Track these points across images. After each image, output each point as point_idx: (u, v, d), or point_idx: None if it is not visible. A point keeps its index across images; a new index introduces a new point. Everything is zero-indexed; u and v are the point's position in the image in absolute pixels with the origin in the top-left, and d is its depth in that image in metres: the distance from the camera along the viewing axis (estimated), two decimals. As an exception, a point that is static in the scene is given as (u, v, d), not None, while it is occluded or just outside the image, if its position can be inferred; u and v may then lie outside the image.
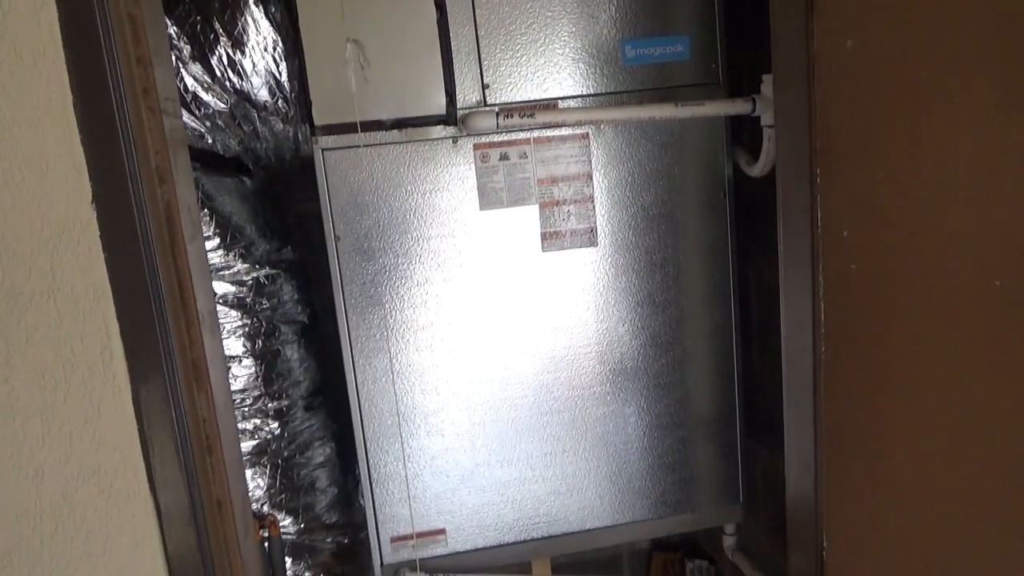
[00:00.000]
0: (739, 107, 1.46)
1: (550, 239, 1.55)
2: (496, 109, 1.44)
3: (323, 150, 1.47)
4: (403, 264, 1.51)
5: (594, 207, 1.56)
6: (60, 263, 0.89)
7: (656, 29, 1.52)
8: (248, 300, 1.68)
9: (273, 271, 1.74)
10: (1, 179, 0.86)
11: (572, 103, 1.52)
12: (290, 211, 1.88)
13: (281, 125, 1.61)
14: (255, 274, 1.71)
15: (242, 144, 1.63)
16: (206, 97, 1.52)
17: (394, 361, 1.55)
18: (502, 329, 1.57)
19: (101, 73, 0.87)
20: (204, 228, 1.56)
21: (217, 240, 1.59)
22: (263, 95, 1.56)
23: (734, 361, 1.68)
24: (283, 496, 1.73)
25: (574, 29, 1.49)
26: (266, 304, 1.72)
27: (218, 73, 1.51)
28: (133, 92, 0.91)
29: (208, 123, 1.55)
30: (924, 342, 0.97)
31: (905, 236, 0.96)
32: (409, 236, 1.51)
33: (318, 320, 1.88)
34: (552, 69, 1.50)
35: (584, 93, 1.52)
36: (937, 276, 0.94)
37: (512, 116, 1.40)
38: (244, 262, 1.68)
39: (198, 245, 1.05)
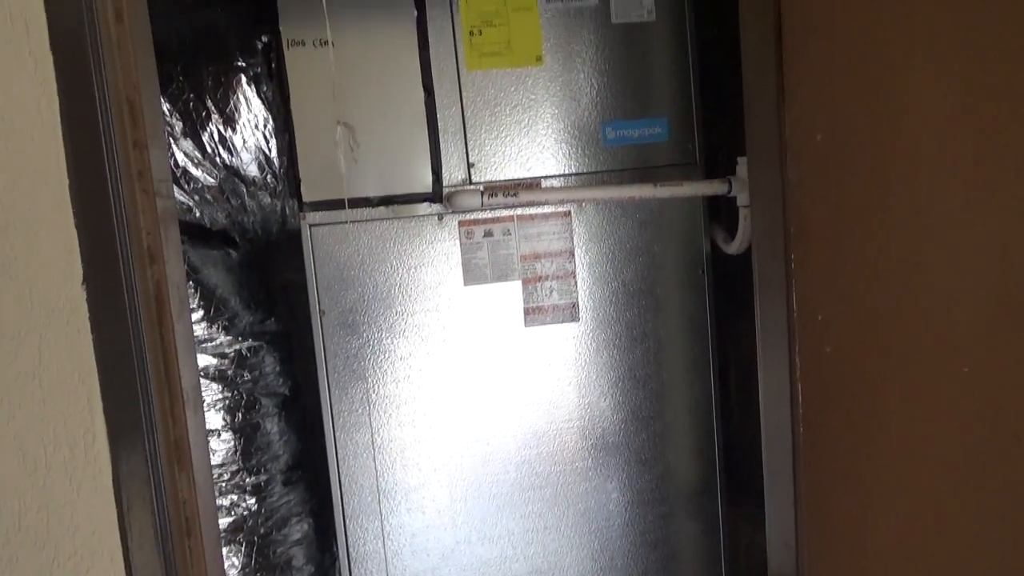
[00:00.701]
0: (715, 188, 1.52)
1: (532, 314, 1.58)
2: (481, 188, 1.48)
3: (310, 226, 1.49)
4: (387, 339, 1.52)
5: (576, 283, 1.59)
6: (48, 344, 0.89)
7: (635, 111, 1.58)
8: (229, 373, 1.67)
9: (256, 343, 1.74)
10: (-8, 259, 0.87)
11: (555, 182, 1.56)
12: (275, 281, 1.89)
13: (269, 199, 1.64)
14: (237, 346, 1.71)
15: (229, 217, 1.65)
16: (196, 172, 1.54)
17: (375, 436, 1.54)
18: (484, 404, 1.57)
19: (98, 157, 0.89)
20: (189, 301, 1.56)
21: (201, 312, 1.60)
22: (252, 170, 1.59)
23: (715, 435, 1.69)
24: (259, 575, 1.69)
25: (556, 111, 1.55)
26: (247, 377, 1.71)
27: (209, 149, 1.54)
28: (128, 175, 0.93)
29: (197, 197, 1.57)
30: (899, 422, 0.99)
31: (877, 319, 0.99)
32: (393, 311, 1.52)
33: (299, 392, 1.87)
34: (535, 149, 1.55)
35: (566, 172, 1.57)
36: (909, 359, 0.97)
37: (496, 195, 1.44)
38: (227, 334, 1.68)
39: (185, 322, 1.05)
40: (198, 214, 1.60)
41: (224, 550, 1.63)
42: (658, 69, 1.58)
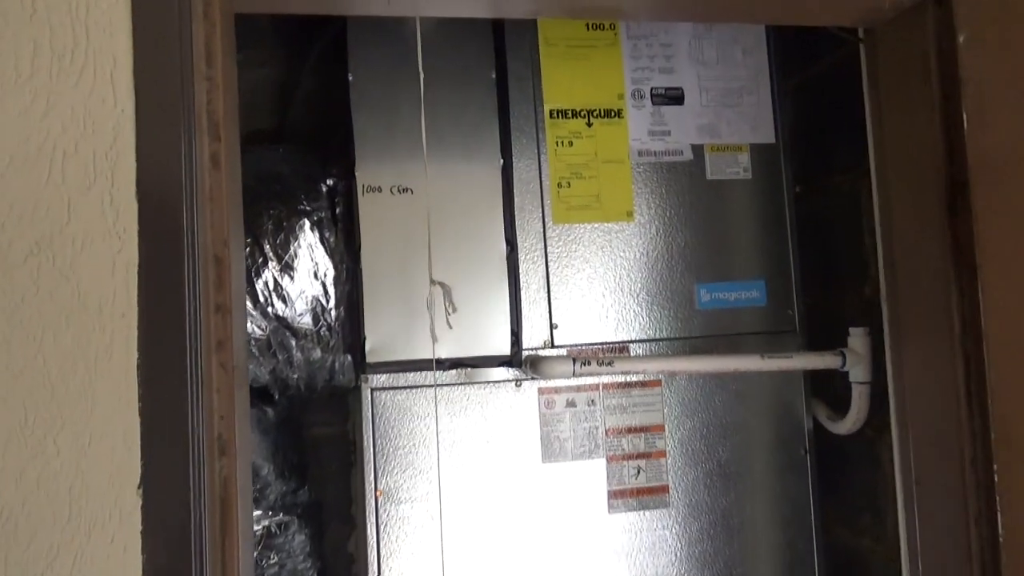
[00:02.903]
0: (828, 361, 1.36)
1: (617, 498, 1.36)
2: (572, 354, 1.31)
3: (372, 389, 1.31)
4: (452, 522, 1.30)
5: (667, 463, 1.39)
6: (83, 566, 0.68)
7: (731, 273, 1.44)
8: (255, 555, 1.43)
9: (287, 517, 1.51)
10: (31, 451, 0.68)
11: (641, 347, 1.40)
12: (307, 435, 1.69)
13: (319, 353, 1.46)
14: (266, 521, 1.48)
15: (273, 373, 1.46)
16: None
17: (433, 644, 1.28)
18: (564, 606, 1.33)
19: (177, 327, 0.72)
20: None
21: (233, 484, 1.38)
22: (305, 321, 1.42)
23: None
24: None
25: (647, 270, 1.41)
26: (274, 559, 1.47)
27: (261, 299, 1.38)
28: (208, 346, 0.76)
29: (241, 351, 1.39)
30: None
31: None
32: (461, 490, 1.31)
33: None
34: (623, 311, 1.40)
35: (656, 337, 1.41)
36: None
37: (590, 363, 1.27)
38: (256, 508, 1.45)
39: (246, 529, 0.85)
40: (241, 369, 1.42)
41: None
42: (754, 229, 1.46)
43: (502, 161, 1.37)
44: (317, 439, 1.72)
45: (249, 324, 1.38)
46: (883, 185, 1.08)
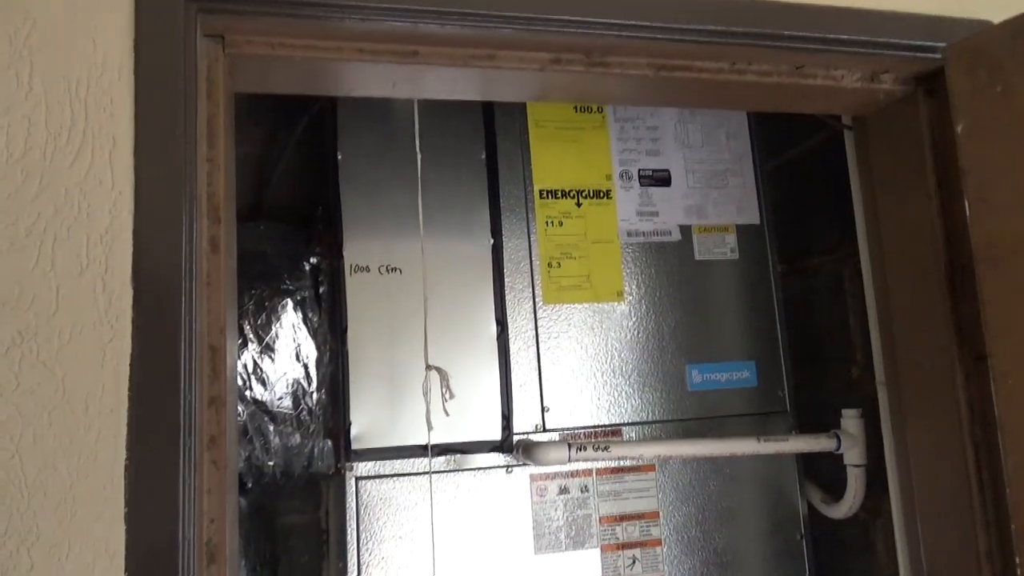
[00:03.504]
0: (823, 444, 1.34)
1: (613, 590, 1.30)
2: (567, 439, 1.27)
3: (357, 478, 1.24)
4: (443, 625, 1.22)
5: (662, 552, 1.34)
6: None
7: (722, 353, 1.43)
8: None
9: (256, 620, 1.41)
10: (0, 567, 0.61)
11: (634, 430, 1.37)
12: (278, 525, 1.60)
13: (298, 439, 1.39)
14: (236, 622, 1.37)
15: (248, 460, 1.38)
16: (221, 409, 1.30)
17: None
18: None
19: (170, 423, 0.67)
20: None
21: (203, 583, 1.28)
22: (285, 405, 1.36)
23: None
24: None
25: (638, 350, 1.39)
26: (245, 664, 1.36)
27: (240, 382, 1.32)
28: (201, 442, 0.70)
29: (216, 437, 1.32)
30: None
31: None
32: (451, 586, 1.24)
33: None
34: (615, 393, 1.37)
35: (648, 419, 1.38)
36: None
37: (585, 448, 1.23)
38: (226, 607, 1.35)
39: (234, 641, 0.77)
40: (214, 457, 1.34)
41: None
42: (743, 309, 1.46)
43: (492, 241, 1.35)
44: (288, 528, 1.62)
45: (226, 409, 1.31)
46: (878, 268, 1.09)
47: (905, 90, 1.00)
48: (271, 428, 1.37)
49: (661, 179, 1.45)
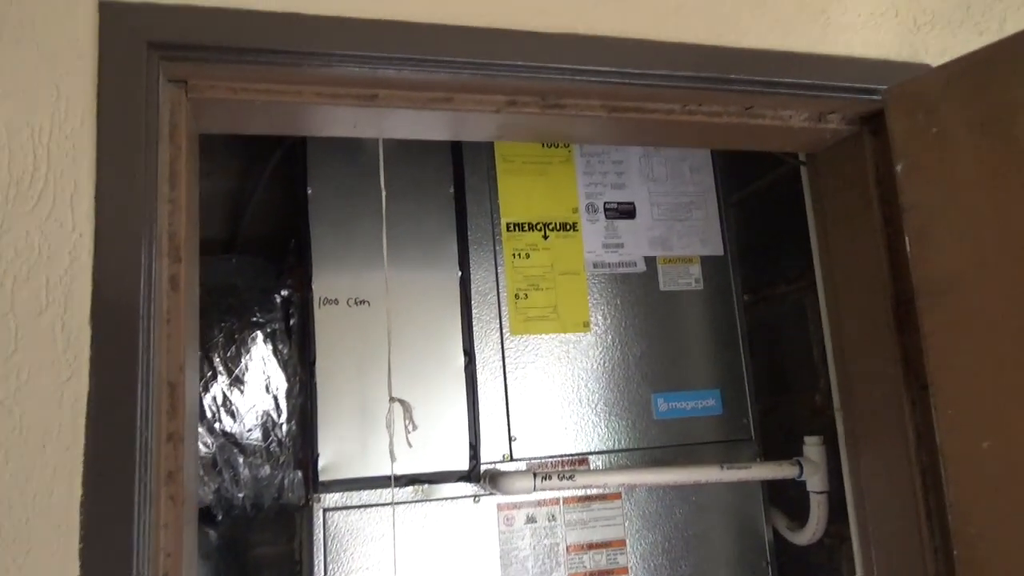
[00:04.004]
0: (786, 471, 1.36)
1: (580, 620, 1.31)
2: (532, 468, 1.29)
3: (325, 510, 1.25)
4: (409, 656, 1.23)
5: (630, 580, 1.35)
6: None
7: (687, 382, 1.45)
8: None
9: (226, 653, 1.40)
10: (-49, 606, 0.62)
11: (600, 459, 1.38)
12: (249, 556, 1.59)
13: (268, 470, 1.40)
14: (205, 656, 1.37)
15: (217, 492, 1.39)
16: (189, 441, 1.31)
17: None
18: None
19: (126, 459, 0.68)
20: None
21: (169, 617, 1.28)
22: (255, 437, 1.37)
23: None
24: None
25: (604, 380, 1.41)
26: None
27: (209, 415, 1.33)
28: (158, 477, 0.72)
29: (185, 470, 1.32)
30: None
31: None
32: (418, 618, 1.24)
33: None
34: (582, 422, 1.39)
35: (615, 448, 1.40)
36: None
37: (551, 478, 1.25)
38: (194, 641, 1.34)
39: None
40: (183, 489, 1.34)
41: None
42: (708, 338, 1.49)
43: (460, 273, 1.38)
44: (259, 560, 1.62)
45: (195, 441, 1.32)
46: (832, 300, 1.12)
47: (851, 129, 1.04)
48: (240, 460, 1.37)
49: (626, 212, 1.49)
